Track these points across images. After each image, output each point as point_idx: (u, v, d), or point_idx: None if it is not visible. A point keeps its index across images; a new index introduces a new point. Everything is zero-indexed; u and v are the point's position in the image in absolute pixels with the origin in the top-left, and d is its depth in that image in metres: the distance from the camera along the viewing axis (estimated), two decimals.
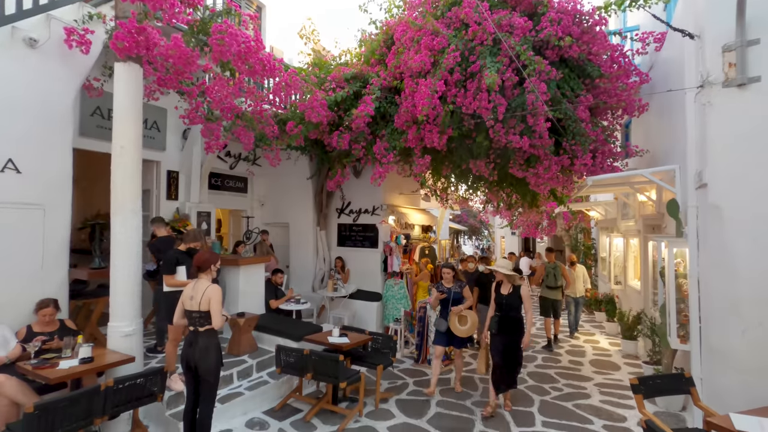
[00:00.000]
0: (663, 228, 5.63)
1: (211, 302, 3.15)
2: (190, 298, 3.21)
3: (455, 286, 4.97)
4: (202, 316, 3.15)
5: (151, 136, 6.22)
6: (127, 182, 3.79)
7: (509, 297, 4.33)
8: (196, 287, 3.23)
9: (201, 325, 3.16)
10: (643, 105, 5.15)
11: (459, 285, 4.99)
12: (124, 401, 3.19)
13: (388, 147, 5.78)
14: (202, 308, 3.14)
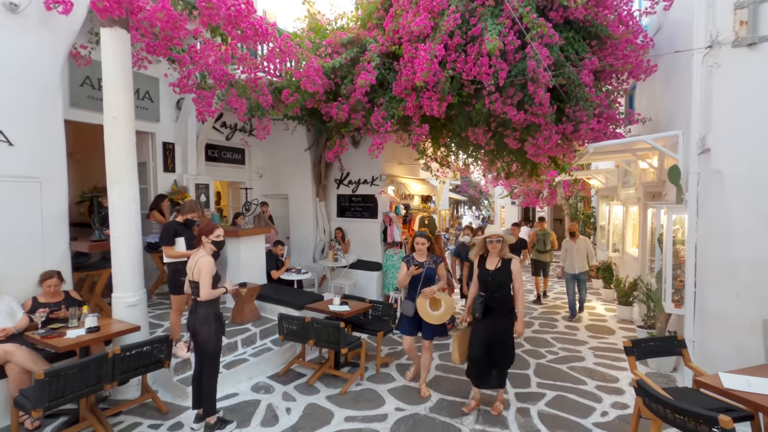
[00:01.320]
0: (663, 195, 5.61)
1: (200, 273, 3.16)
2: (190, 268, 3.26)
3: (430, 261, 3.95)
4: (197, 286, 3.19)
5: (143, 106, 6.09)
6: (121, 153, 3.74)
7: (497, 273, 3.48)
8: (193, 257, 3.27)
9: (197, 294, 3.21)
10: (651, 66, 4.99)
11: (434, 260, 3.96)
12: (132, 368, 3.29)
13: (386, 116, 5.66)
14: (195, 278, 3.18)
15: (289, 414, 3.63)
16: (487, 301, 3.50)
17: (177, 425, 3.41)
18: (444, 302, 3.91)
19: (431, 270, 3.92)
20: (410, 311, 3.93)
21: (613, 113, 5.19)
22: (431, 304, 3.89)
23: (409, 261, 3.97)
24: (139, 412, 3.57)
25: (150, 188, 6.40)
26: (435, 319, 3.88)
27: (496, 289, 3.49)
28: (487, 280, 3.52)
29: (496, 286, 3.48)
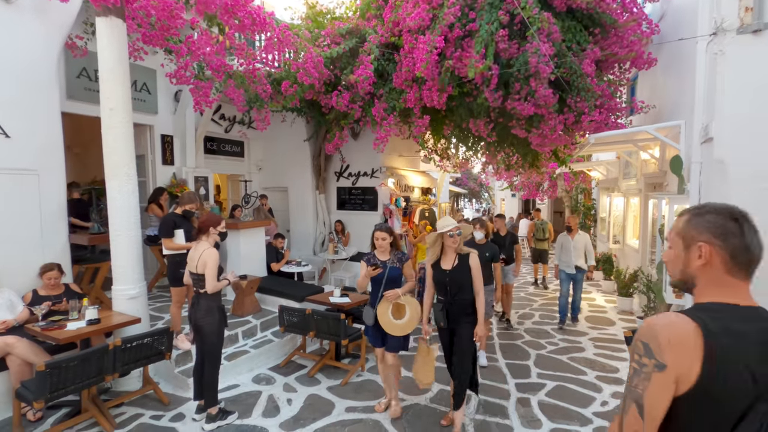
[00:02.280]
0: (665, 186, 5.58)
1: (206, 266, 3.14)
2: (192, 259, 3.23)
3: (393, 258, 3.29)
4: (200, 278, 3.17)
5: (141, 98, 6.03)
6: (119, 145, 3.71)
7: (455, 273, 3.01)
8: (196, 249, 3.24)
9: (201, 287, 3.19)
10: (653, 59, 4.94)
11: (398, 258, 3.30)
12: (134, 359, 3.30)
13: (387, 108, 5.61)
14: (200, 271, 3.16)
15: (290, 405, 3.65)
16: (447, 306, 3.03)
17: (179, 416, 3.42)
18: (409, 309, 3.22)
19: (395, 270, 3.26)
20: (370, 319, 3.29)
21: (615, 103, 5.15)
22: (394, 311, 3.22)
23: (370, 260, 3.29)
24: (140, 404, 3.58)
25: (149, 181, 6.37)
26: (397, 330, 3.20)
27: (457, 292, 3.00)
28: (444, 281, 3.03)
29: (456, 287, 2.99)
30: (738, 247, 0.96)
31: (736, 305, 0.95)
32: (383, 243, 3.26)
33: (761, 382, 0.88)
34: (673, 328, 0.92)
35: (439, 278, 3.09)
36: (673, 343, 0.90)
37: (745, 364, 0.88)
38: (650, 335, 0.94)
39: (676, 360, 0.89)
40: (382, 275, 3.23)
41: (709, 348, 0.88)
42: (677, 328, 0.91)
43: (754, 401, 0.88)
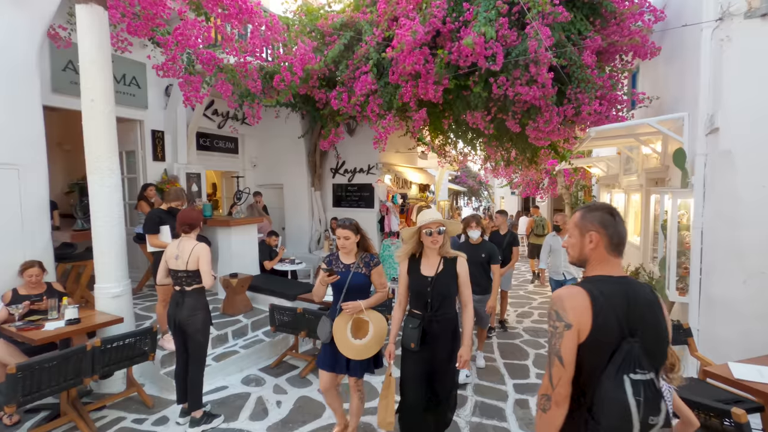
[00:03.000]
0: (667, 181, 5.44)
1: (200, 261, 3.04)
2: (175, 257, 3.06)
3: (358, 262, 2.70)
4: (189, 275, 3.05)
5: (130, 93, 5.89)
6: (101, 138, 3.57)
7: (440, 280, 2.40)
8: (181, 246, 3.10)
9: (188, 284, 3.07)
10: (657, 48, 4.79)
11: (366, 261, 2.72)
12: (115, 361, 3.16)
13: (382, 103, 5.46)
14: (190, 267, 3.03)
15: (279, 407, 3.51)
16: (426, 323, 2.39)
17: (162, 419, 3.29)
18: (373, 327, 2.59)
19: (360, 276, 2.66)
20: (325, 335, 2.65)
21: (616, 95, 5.01)
22: (354, 328, 2.60)
23: (331, 263, 2.74)
24: (123, 406, 3.45)
25: (139, 177, 6.24)
26: (352, 351, 2.57)
27: (439, 305, 2.40)
28: (424, 291, 2.40)
29: (439, 300, 2.39)
30: (614, 233, 1.33)
31: (610, 276, 1.32)
32: (347, 243, 2.64)
33: (624, 326, 1.24)
34: (572, 298, 1.27)
35: (418, 287, 2.42)
36: (574, 307, 1.25)
37: (615, 316, 1.24)
38: (558, 304, 1.28)
39: (577, 319, 1.24)
40: (343, 282, 2.62)
41: (594, 307, 1.24)
42: (575, 297, 1.27)
43: (620, 341, 1.23)
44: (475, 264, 3.65)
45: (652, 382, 1.21)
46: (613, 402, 1.18)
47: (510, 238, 5.33)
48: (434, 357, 2.42)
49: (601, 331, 1.23)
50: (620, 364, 1.21)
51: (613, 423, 1.18)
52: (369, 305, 2.66)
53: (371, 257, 2.76)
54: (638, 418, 1.16)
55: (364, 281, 2.70)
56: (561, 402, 1.27)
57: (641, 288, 1.32)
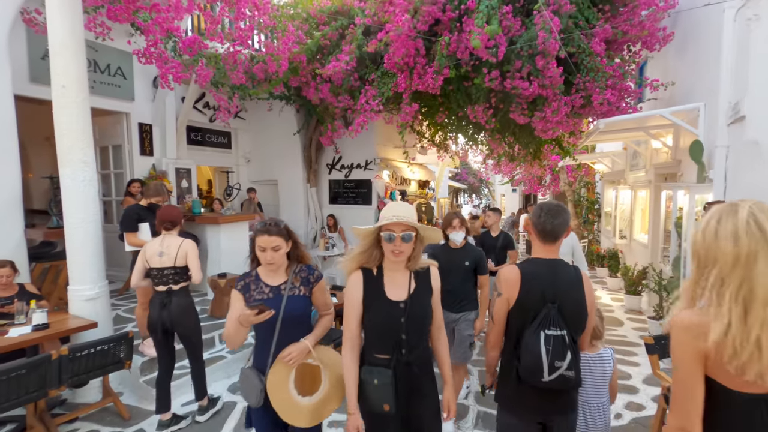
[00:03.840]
0: (678, 176, 5.18)
1: (189, 256, 2.94)
2: (159, 254, 2.88)
3: (293, 281, 1.90)
4: (177, 272, 2.92)
5: (115, 83, 5.61)
6: (74, 128, 3.29)
7: (414, 307, 1.68)
8: (165, 243, 2.92)
9: (176, 282, 2.92)
10: (668, 35, 4.52)
11: (304, 277, 1.92)
12: (86, 370, 2.90)
13: (376, 94, 5.18)
14: (178, 264, 2.91)
15: None
16: (400, 372, 1.65)
17: None
18: (328, 372, 1.83)
19: (298, 301, 1.85)
20: (254, 397, 1.79)
21: (627, 85, 4.74)
22: (300, 379, 1.80)
23: (248, 288, 1.83)
24: (98, 418, 3.19)
25: (126, 172, 5.97)
26: (305, 416, 1.77)
27: (417, 341, 1.69)
28: (395, 325, 1.65)
29: (417, 333, 1.69)
30: (540, 226, 1.66)
31: (542, 258, 1.67)
32: (276, 256, 1.79)
33: (546, 295, 1.59)
34: (507, 273, 1.65)
35: (385, 319, 1.65)
36: (507, 281, 1.64)
37: (538, 287, 1.60)
38: (497, 279, 1.70)
39: (506, 290, 1.63)
40: (275, 315, 1.75)
41: (522, 281, 1.61)
42: (509, 273, 1.64)
43: (542, 306, 1.58)
44: (455, 273, 2.95)
45: (562, 337, 1.57)
46: (530, 348, 1.57)
47: (504, 241, 4.35)
48: (418, 418, 1.71)
49: (526, 298, 1.62)
50: (539, 323, 1.58)
51: (529, 363, 1.57)
52: (317, 340, 1.86)
53: (309, 270, 1.92)
54: (546, 361, 1.55)
55: (304, 307, 1.87)
56: (493, 346, 1.75)
57: (565, 268, 1.68)
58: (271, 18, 4.63)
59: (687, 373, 1.03)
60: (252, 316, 1.64)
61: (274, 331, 1.78)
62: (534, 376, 1.57)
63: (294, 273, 1.89)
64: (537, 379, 1.57)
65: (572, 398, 1.69)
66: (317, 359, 1.84)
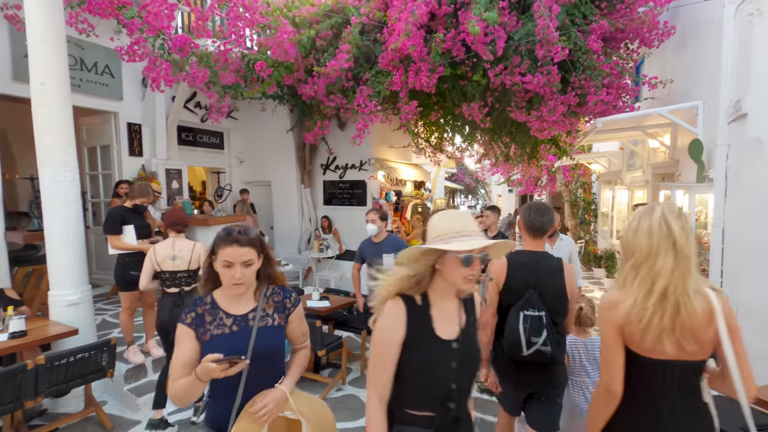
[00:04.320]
0: (676, 176, 5.11)
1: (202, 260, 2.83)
2: (172, 258, 2.93)
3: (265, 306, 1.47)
4: (190, 275, 2.99)
5: (103, 82, 5.47)
6: (54, 127, 3.16)
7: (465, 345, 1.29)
8: (177, 247, 2.97)
9: (188, 284, 2.99)
10: (669, 29, 4.45)
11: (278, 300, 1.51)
12: (64, 380, 2.78)
13: (372, 93, 5.08)
14: (192, 267, 2.97)
15: None
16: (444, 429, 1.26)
17: None
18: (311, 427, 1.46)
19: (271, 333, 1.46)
20: None
21: (624, 84, 4.67)
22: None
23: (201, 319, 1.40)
24: (79, 429, 3.06)
25: (114, 174, 5.83)
26: None
27: (467, 390, 1.33)
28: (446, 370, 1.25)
29: (468, 379, 1.31)
30: (527, 221, 2.00)
31: (528, 250, 2.01)
32: (245, 273, 1.37)
33: (528, 281, 1.91)
34: (497, 264, 1.97)
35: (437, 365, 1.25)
36: (496, 269, 1.97)
37: (522, 273, 1.93)
38: (489, 267, 2.00)
39: (496, 275, 1.97)
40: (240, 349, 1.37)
41: (509, 269, 1.95)
42: (499, 263, 1.96)
43: (525, 290, 1.90)
44: None
45: (540, 317, 1.85)
46: (512, 326, 1.87)
47: None
48: None
49: (511, 283, 1.93)
50: (521, 305, 1.89)
51: (510, 339, 1.88)
52: (293, 384, 1.50)
53: (284, 292, 1.53)
54: (524, 337, 1.84)
55: (279, 340, 1.47)
56: (484, 326, 1.93)
57: (548, 259, 1.99)
58: (263, 15, 4.52)
59: (609, 342, 1.28)
60: (218, 371, 1.23)
61: (239, 376, 1.32)
62: (514, 349, 1.88)
63: (265, 297, 1.46)
64: (518, 353, 1.87)
65: (555, 373, 1.96)
66: (297, 411, 1.42)
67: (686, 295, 1.20)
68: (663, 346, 1.20)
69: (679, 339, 1.20)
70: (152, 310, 3.69)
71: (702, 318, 1.20)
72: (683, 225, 1.22)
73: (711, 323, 1.20)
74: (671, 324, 1.19)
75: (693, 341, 1.20)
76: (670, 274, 1.19)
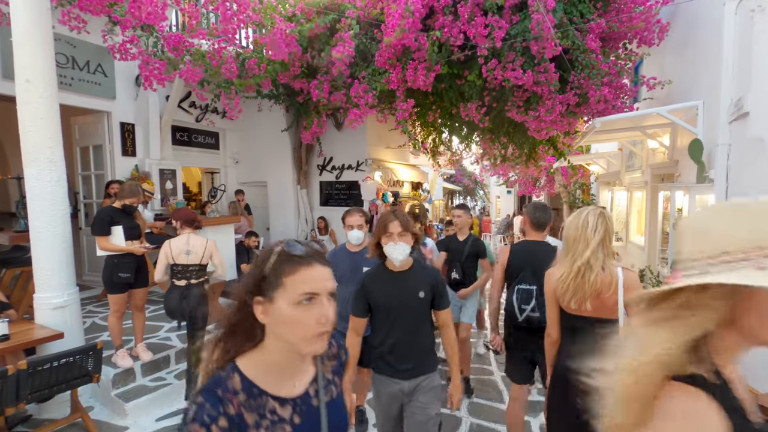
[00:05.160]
0: (676, 177, 5.05)
1: (214, 255, 3.31)
2: (186, 253, 3.20)
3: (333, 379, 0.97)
4: (201, 269, 3.27)
5: (95, 81, 5.40)
6: (39, 125, 3.08)
7: None
8: (191, 243, 3.25)
9: (198, 277, 3.26)
10: (664, 25, 4.41)
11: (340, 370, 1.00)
12: (48, 385, 2.68)
13: (368, 89, 5.03)
14: (204, 261, 3.27)
15: None
16: None
17: None
18: None
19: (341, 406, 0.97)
20: None
21: (623, 83, 4.62)
22: None
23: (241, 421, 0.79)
24: None
25: (107, 174, 5.75)
26: None
27: None
28: None
29: None
30: (531, 217, 2.49)
31: (527, 240, 2.52)
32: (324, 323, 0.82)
33: (525, 264, 2.38)
34: (503, 250, 2.56)
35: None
36: (503, 253, 2.52)
37: (521, 258, 2.43)
38: (498, 253, 2.71)
39: (501, 258, 2.51)
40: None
41: (511, 254, 2.48)
42: (504, 249, 2.55)
43: (524, 269, 2.38)
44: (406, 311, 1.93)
45: (530, 290, 2.31)
46: (508, 298, 2.39)
47: (473, 247, 3.50)
48: None
49: (512, 264, 2.46)
50: (517, 281, 2.37)
51: (507, 308, 2.36)
52: None
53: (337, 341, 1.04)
54: (517, 305, 2.32)
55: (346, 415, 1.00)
56: (491, 300, 2.60)
57: (544, 247, 2.43)
58: (256, 12, 4.45)
59: (549, 300, 1.85)
60: None
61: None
62: (511, 316, 2.36)
63: (321, 358, 0.96)
64: (514, 319, 2.34)
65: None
66: None
67: (591, 271, 1.67)
68: (574, 304, 1.72)
69: (581, 301, 1.71)
70: (142, 312, 3.62)
71: (604, 287, 1.68)
72: (596, 222, 1.69)
73: (614, 291, 1.67)
74: (578, 290, 1.70)
75: (596, 303, 1.70)
76: (583, 256, 1.68)
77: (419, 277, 1.90)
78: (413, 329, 1.88)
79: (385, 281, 1.90)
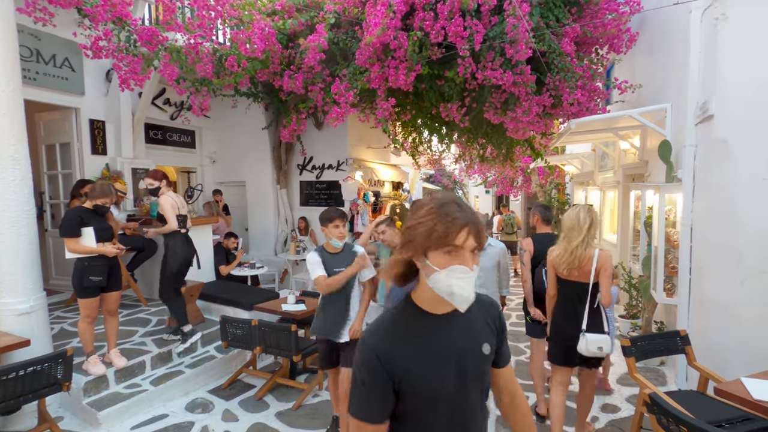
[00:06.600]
0: (646, 177, 5.26)
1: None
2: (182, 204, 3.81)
3: None
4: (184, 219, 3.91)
5: (62, 76, 5.15)
6: (1, 121, 2.92)
7: None
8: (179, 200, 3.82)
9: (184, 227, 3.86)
10: (633, 35, 4.59)
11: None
12: (13, 395, 2.54)
13: (349, 87, 5.00)
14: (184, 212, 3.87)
15: None
16: None
17: None
18: None
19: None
20: None
21: (596, 86, 4.77)
22: None
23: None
24: None
25: (75, 173, 5.50)
26: None
27: None
28: None
29: None
30: (543, 215, 3.39)
31: (543, 233, 3.37)
32: None
33: (545, 250, 2.78)
34: (527, 241, 3.35)
35: None
36: (528, 244, 3.31)
37: (542, 246, 3.09)
38: (521, 244, 3.44)
39: (527, 247, 3.29)
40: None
41: (534, 244, 3.28)
42: (528, 240, 3.34)
43: (543, 256, 2.95)
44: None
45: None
46: (537, 277, 3.14)
47: None
48: None
49: (536, 252, 3.19)
50: (541, 263, 3.07)
51: (536, 285, 3.16)
52: None
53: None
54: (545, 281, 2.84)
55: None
56: (525, 280, 3.29)
57: (552, 237, 3.09)
58: (234, 8, 4.35)
59: (549, 270, 2.66)
60: None
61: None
62: (540, 292, 2.99)
63: None
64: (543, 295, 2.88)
65: None
66: None
67: (579, 249, 2.44)
68: (566, 272, 2.52)
69: (571, 269, 2.48)
70: (115, 317, 3.48)
71: (586, 261, 2.45)
72: (586, 216, 2.46)
73: (590, 264, 2.45)
74: (569, 263, 2.47)
75: (579, 272, 2.48)
76: (576, 240, 2.44)
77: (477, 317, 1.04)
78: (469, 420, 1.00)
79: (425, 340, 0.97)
